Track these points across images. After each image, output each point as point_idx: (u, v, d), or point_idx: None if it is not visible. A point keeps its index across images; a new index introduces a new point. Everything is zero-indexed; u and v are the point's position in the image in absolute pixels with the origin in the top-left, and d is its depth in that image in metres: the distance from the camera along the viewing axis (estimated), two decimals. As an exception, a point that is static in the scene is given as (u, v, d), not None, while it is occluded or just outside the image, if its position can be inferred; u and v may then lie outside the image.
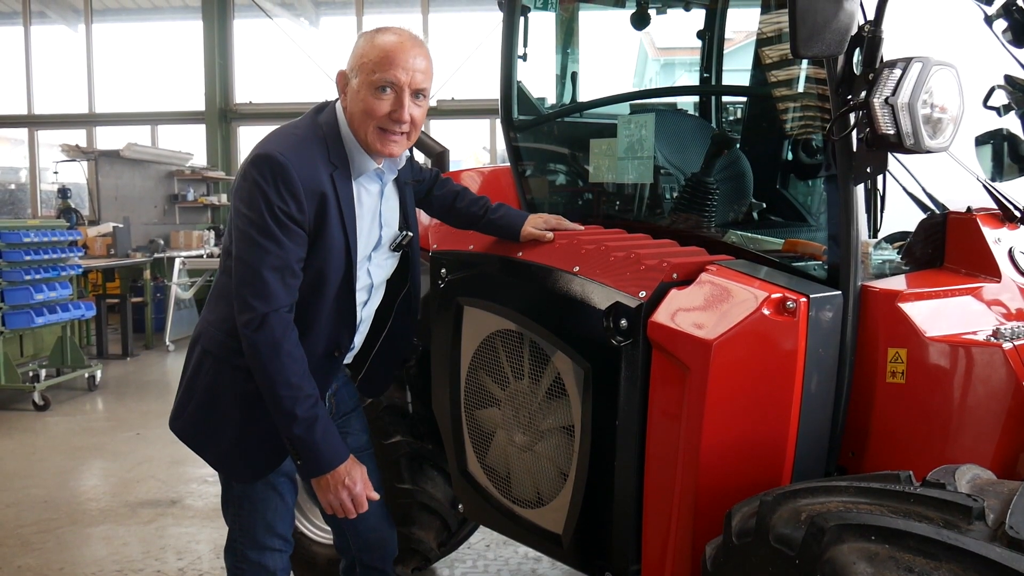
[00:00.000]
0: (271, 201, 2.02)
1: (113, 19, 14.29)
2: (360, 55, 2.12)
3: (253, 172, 2.03)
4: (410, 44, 2.13)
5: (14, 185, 14.84)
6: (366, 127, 2.14)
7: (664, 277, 2.28)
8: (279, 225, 2.03)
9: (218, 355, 2.23)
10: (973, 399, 2.06)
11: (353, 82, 2.13)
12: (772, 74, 3.00)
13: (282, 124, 2.23)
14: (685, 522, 2.17)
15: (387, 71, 2.09)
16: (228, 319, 2.16)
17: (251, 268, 2.05)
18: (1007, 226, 2.36)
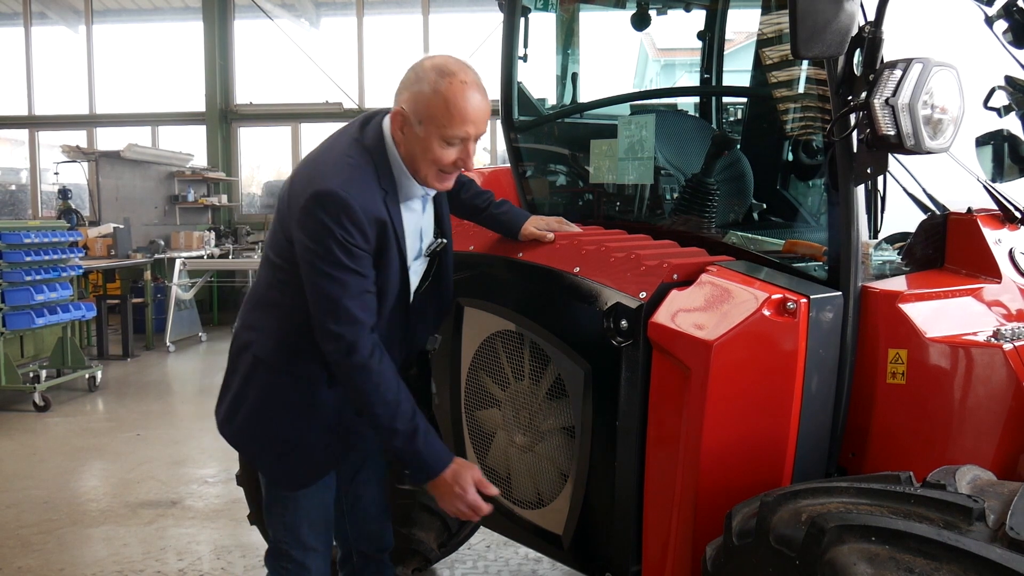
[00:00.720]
0: (339, 237, 2.04)
1: (113, 20, 14.30)
2: (427, 105, 2.07)
3: (318, 211, 2.04)
4: (479, 95, 2.11)
5: (15, 186, 14.84)
6: (427, 170, 2.15)
7: (664, 278, 2.28)
8: (350, 257, 2.07)
9: (272, 364, 2.26)
10: (973, 400, 2.05)
11: (417, 129, 2.10)
12: (772, 75, 3.00)
13: (326, 144, 2.22)
14: (685, 522, 2.17)
15: (460, 128, 2.08)
16: (283, 329, 2.23)
17: (330, 299, 2.08)
18: (1007, 227, 2.35)
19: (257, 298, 2.33)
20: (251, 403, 2.29)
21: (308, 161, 2.22)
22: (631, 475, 2.33)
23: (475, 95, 2.09)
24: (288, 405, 2.28)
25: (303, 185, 2.11)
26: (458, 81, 2.06)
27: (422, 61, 2.12)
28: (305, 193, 2.06)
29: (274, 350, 2.25)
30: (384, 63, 13.28)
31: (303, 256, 2.10)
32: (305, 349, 2.22)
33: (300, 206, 2.07)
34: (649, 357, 2.26)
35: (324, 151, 2.21)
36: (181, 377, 8.79)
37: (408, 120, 2.10)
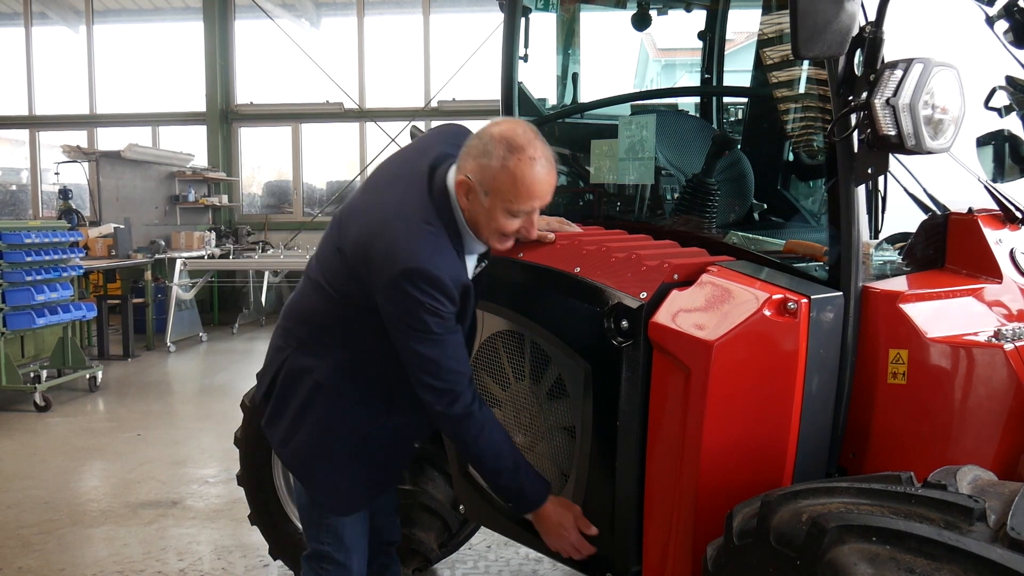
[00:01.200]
0: (432, 308, 2.08)
1: (114, 20, 14.31)
2: (494, 178, 2.09)
3: (410, 288, 2.06)
4: (547, 169, 2.12)
5: (15, 186, 14.85)
6: (489, 235, 2.19)
7: (665, 278, 2.28)
8: (444, 323, 2.12)
9: (334, 390, 2.29)
10: (974, 400, 2.05)
11: (483, 199, 2.12)
12: (773, 75, 3.00)
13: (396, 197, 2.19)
14: (686, 522, 2.17)
15: (526, 203, 2.12)
16: (345, 358, 2.28)
17: (429, 360, 2.13)
18: (1008, 227, 2.35)
19: (316, 324, 2.32)
20: (309, 428, 2.32)
21: (386, 224, 2.15)
22: (631, 475, 2.33)
23: (543, 170, 2.10)
24: (348, 432, 2.32)
25: (386, 255, 2.09)
26: (527, 157, 2.07)
27: (490, 129, 2.13)
28: (392, 267, 2.07)
29: (336, 377, 2.29)
30: (385, 63, 13.28)
31: (393, 323, 2.14)
32: (367, 377, 2.29)
33: (387, 279, 2.08)
34: (650, 357, 2.26)
35: (401, 216, 2.15)
36: (182, 377, 8.79)
37: (474, 190, 2.12)
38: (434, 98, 12.79)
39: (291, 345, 2.36)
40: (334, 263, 2.26)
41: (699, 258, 2.40)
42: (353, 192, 2.41)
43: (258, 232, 13.13)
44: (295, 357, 2.34)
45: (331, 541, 2.43)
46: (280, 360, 2.37)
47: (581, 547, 2.34)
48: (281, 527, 3.54)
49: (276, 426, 2.39)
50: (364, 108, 13.02)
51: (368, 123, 13.05)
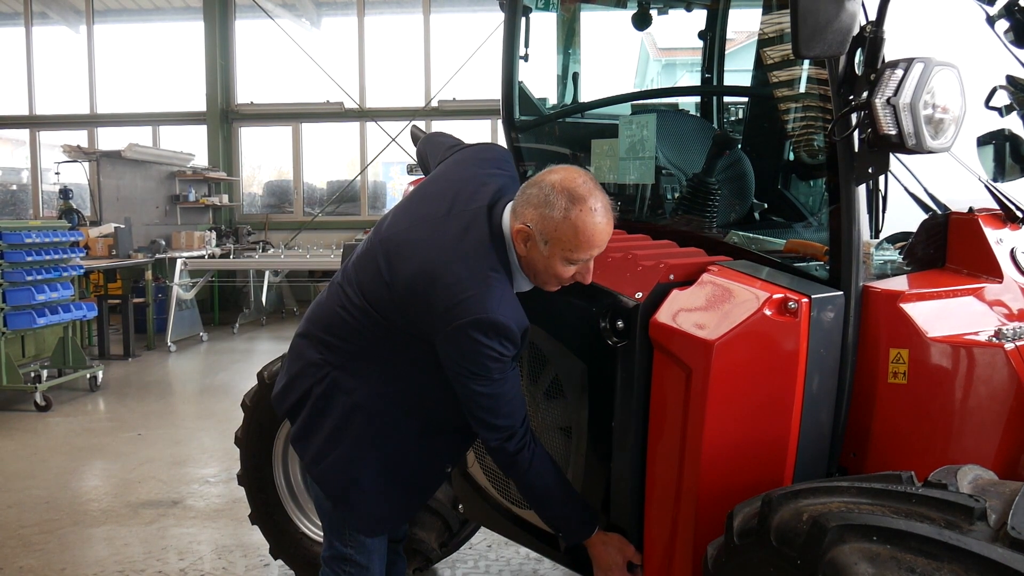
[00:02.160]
0: (498, 355, 2.08)
1: (114, 20, 14.31)
2: (556, 229, 2.08)
3: (480, 337, 2.04)
4: (607, 220, 2.11)
5: (16, 186, 14.85)
6: (547, 281, 2.20)
7: (661, 278, 2.28)
8: (506, 368, 2.13)
9: (373, 412, 2.28)
10: (975, 400, 2.05)
11: (542, 248, 2.11)
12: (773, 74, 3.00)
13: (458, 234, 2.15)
14: (687, 522, 2.17)
15: (586, 253, 2.12)
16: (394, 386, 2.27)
17: (489, 400, 2.15)
18: (1009, 226, 2.35)
19: (360, 346, 2.28)
20: (345, 449, 2.31)
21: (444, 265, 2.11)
22: (628, 475, 2.34)
23: (603, 221, 2.10)
24: (384, 455, 2.31)
25: (448, 302, 2.06)
26: (588, 208, 2.07)
27: (549, 178, 2.11)
28: (459, 317, 2.04)
29: (377, 400, 2.28)
30: (385, 63, 13.28)
31: (454, 366, 2.12)
32: (408, 403, 2.29)
33: (454, 327, 2.05)
34: (646, 357, 2.26)
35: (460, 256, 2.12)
36: (182, 377, 8.79)
37: (533, 238, 2.11)
38: (434, 98, 12.79)
39: (332, 363, 2.30)
40: (381, 293, 2.21)
41: (696, 258, 2.40)
42: (396, 213, 2.34)
43: (258, 232, 13.13)
44: (336, 376, 2.29)
45: (354, 545, 2.43)
46: (318, 376, 2.31)
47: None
48: (282, 527, 3.55)
49: (308, 443, 2.36)
50: (364, 108, 13.02)
51: (368, 123, 13.05)
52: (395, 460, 2.32)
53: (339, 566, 2.46)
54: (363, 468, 2.31)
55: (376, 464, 2.31)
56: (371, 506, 2.36)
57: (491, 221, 2.18)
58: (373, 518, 2.39)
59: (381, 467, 2.32)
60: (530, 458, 2.21)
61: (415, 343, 2.19)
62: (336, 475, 2.34)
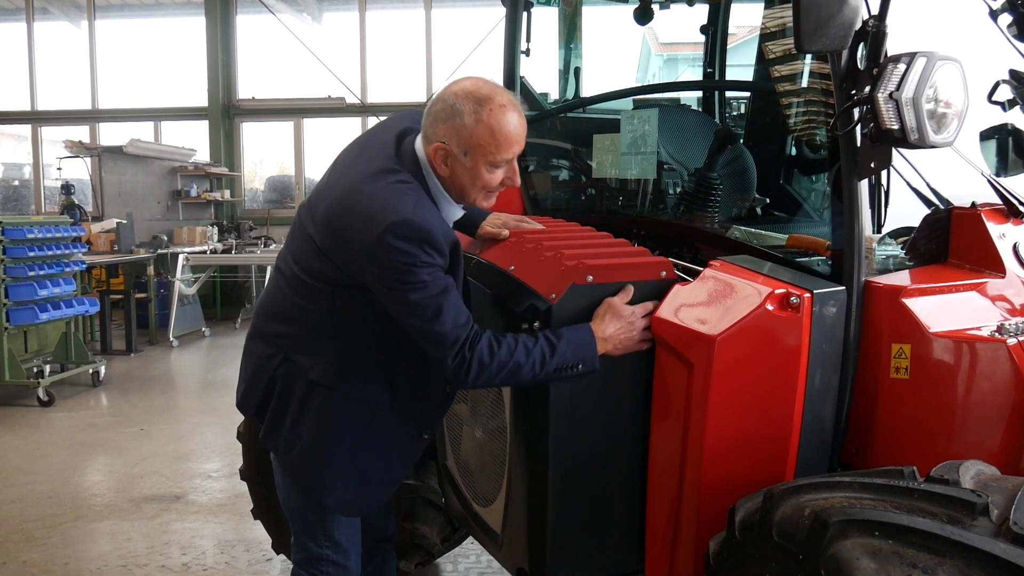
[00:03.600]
0: (424, 261, 2.02)
1: (116, 15, 14.29)
2: (471, 135, 2.05)
3: (398, 243, 1.99)
4: (518, 113, 2.10)
5: (18, 181, 14.85)
6: (476, 194, 2.16)
7: (577, 279, 2.24)
8: (438, 280, 2.06)
9: (334, 386, 2.23)
10: (977, 395, 2.05)
11: (464, 160, 2.08)
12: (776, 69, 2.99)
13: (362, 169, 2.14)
14: (689, 517, 2.17)
15: (507, 152, 2.09)
16: (343, 354, 2.21)
17: (429, 310, 2.06)
18: (1011, 221, 2.35)
19: (303, 320, 2.24)
20: (311, 430, 2.25)
21: (355, 194, 2.10)
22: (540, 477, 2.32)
23: (515, 116, 2.08)
24: (352, 429, 2.26)
25: (364, 218, 2.04)
26: (497, 106, 2.05)
27: (451, 89, 2.10)
28: (375, 227, 2.00)
29: (333, 373, 2.22)
30: (387, 58, 13.26)
31: (385, 286, 2.06)
32: (365, 369, 2.23)
33: (372, 241, 2.01)
34: None
35: (370, 179, 2.11)
36: (184, 372, 8.80)
37: (451, 153, 2.09)
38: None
39: (284, 348, 2.26)
40: (309, 249, 2.19)
41: (621, 259, 2.34)
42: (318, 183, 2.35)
43: (260, 227, 13.13)
44: (291, 360, 2.25)
45: (329, 544, 2.38)
46: (274, 366, 2.27)
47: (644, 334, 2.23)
48: (284, 522, 3.55)
49: (276, 435, 2.31)
50: (366, 103, 13.00)
51: (370, 118, 13.02)
52: (365, 433, 2.26)
53: (315, 567, 2.40)
54: (334, 447, 2.25)
55: (347, 440, 2.25)
56: (349, 485, 2.30)
57: (400, 149, 2.16)
58: (355, 496, 2.33)
59: (352, 442, 2.26)
60: (489, 344, 2.10)
61: (359, 300, 2.14)
62: (308, 460, 2.28)
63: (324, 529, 2.37)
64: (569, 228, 2.72)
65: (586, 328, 2.19)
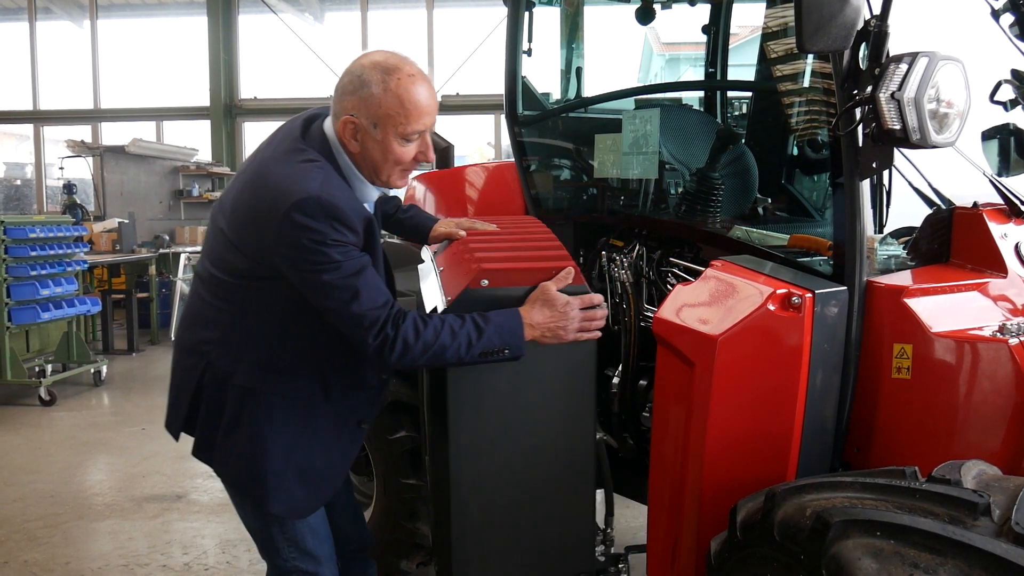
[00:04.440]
0: (335, 240, 1.96)
1: (118, 15, 14.31)
2: (380, 106, 2.00)
3: (306, 220, 1.93)
4: (427, 84, 2.05)
5: (20, 181, 14.87)
6: (390, 171, 2.10)
7: (472, 283, 2.21)
8: (349, 251, 1.99)
9: (264, 389, 2.15)
10: (979, 395, 2.05)
11: (374, 133, 2.03)
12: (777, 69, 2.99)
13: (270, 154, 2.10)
14: (690, 517, 2.17)
15: (418, 122, 2.03)
16: (266, 353, 2.14)
17: (345, 291, 1.99)
18: (1013, 221, 2.35)
19: (222, 323, 2.16)
20: (246, 438, 2.17)
21: (262, 176, 2.06)
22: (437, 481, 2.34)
23: (424, 85, 2.04)
24: (288, 430, 2.18)
25: (271, 199, 1.97)
26: (405, 75, 2.00)
27: (359, 62, 2.04)
28: (281, 206, 1.93)
29: (261, 376, 2.14)
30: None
31: (297, 268, 1.99)
32: (292, 366, 2.16)
33: (279, 220, 1.94)
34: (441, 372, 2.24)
35: (277, 162, 2.06)
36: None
37: (361, 127, 2.03)
38: (438, 92, 12.77)
39: (206, 356, 2.17)
40: (221, 245, 2.13)
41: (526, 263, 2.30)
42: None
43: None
44: (212, 367, 2.16)
45: (295, 555, 2.30)
46: (196, 377, 2.18)
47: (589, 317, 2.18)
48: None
49: (210, 447, 2.21)
50: (368, 103, 13.01)
51: (372, 118, 13.04)
52: (303, 431, 2.19)
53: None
54: (271, 451, 2.16)
55: (284, 442, 2.17)
56: (292, 488, 2.21)
57: (308, 132, 2.10)
58: (300, 498, 2.24)
59: (290, 443, 2.18)
60: (413, 325, 2.03)
61: (273, 293, 2.08)
62: (247, 468, 2.19)
63: (287, 539, 2.29)
64: (518, 229, 2.70)
65: (515, 313, 2.13)
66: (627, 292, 2.83)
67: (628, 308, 2.83)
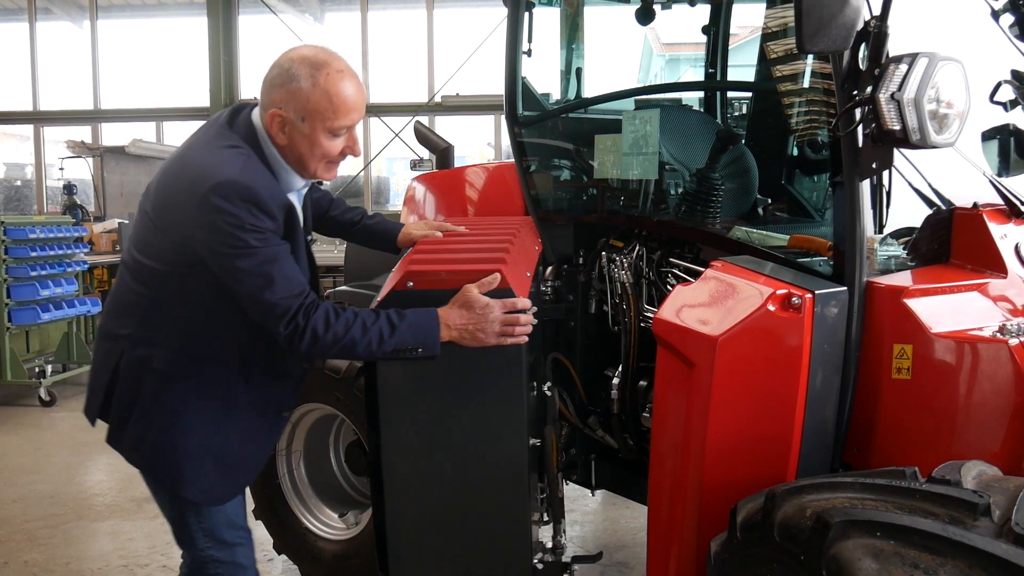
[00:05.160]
0: (252, 225, 1.95)
1: (118, 15, 14.30)
2: (308, 100, 2.01)
3: (222, 203, 1.93)
4: (355, 80, 2.07)
5: (20, 181, 14.87)
6: (316, 164, 2.11)
7: (399, 285, 2.23)
8: (266, 238, 1.99)
9: (180, 375, 2.14)
10: (979, 395, 2.05)
11: (301, 127, 2.04)
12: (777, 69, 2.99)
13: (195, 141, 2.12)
14: (690, 517, 2.17)
15: (346, 118, 2.05)
16: (185, 338, 2.13)
17: (259, 277, 1.99)
18: (1013, 221, 2.35)
19: (143, 308, 2.15)
20: (161, 422, 2.15)
21: (184, 161, 2.08)
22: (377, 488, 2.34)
23: (353, 81, 2.06)
24: (205, 415, 2.16)
25: (190, 181, 1.99)
26: (334, 71, 2.02)
27: (287, 55, 2.05)
28: (200, 189, 1.94)
29: (179, 361, 2.13)
30: (388, 58, 13.27)
31: (212, 253, 1.99)
32: (212, 353, 2.15)
33: (197, 203, 1.95)
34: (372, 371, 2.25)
35: (199, 148, 2.09)
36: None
37: (288, 120, 2.04)
38: (438, 93, 12.78)
39: (126, 339, 2.16)
40: (146, 230, 2.13)
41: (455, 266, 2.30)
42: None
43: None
44: (133, 351, 2.15)
45: (210, 544, 2.29)
46: (114, 361, 2.16)
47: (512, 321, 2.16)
48: (285, 522, 3.56)
49: (124, 432, 2.20)
50: (368, 103, 13.00)
51: (372, 118, 13.04)
52: (224, 418, 2.18)
53: (202, 572, 2.32)
54: (190, 436, 2.16)
55: (203, 428, 2.16)
56: (210, 474, 2.19)
57: (236, 122, 2.12)
58: (216, 485, 2.22)
59: (209, 430, 2.17)
60: (325, 316, 2.03)
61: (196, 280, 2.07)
62: (162, 453, 2.18)
63: (202, 528, 2.28)
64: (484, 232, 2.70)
65: (432, 313, 2.13)
66: (627, 293, 2.83)
67: (628, 309, 2.83)
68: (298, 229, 2.16)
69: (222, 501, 2.27)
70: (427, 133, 4.60)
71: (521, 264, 2.47)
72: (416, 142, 4.93)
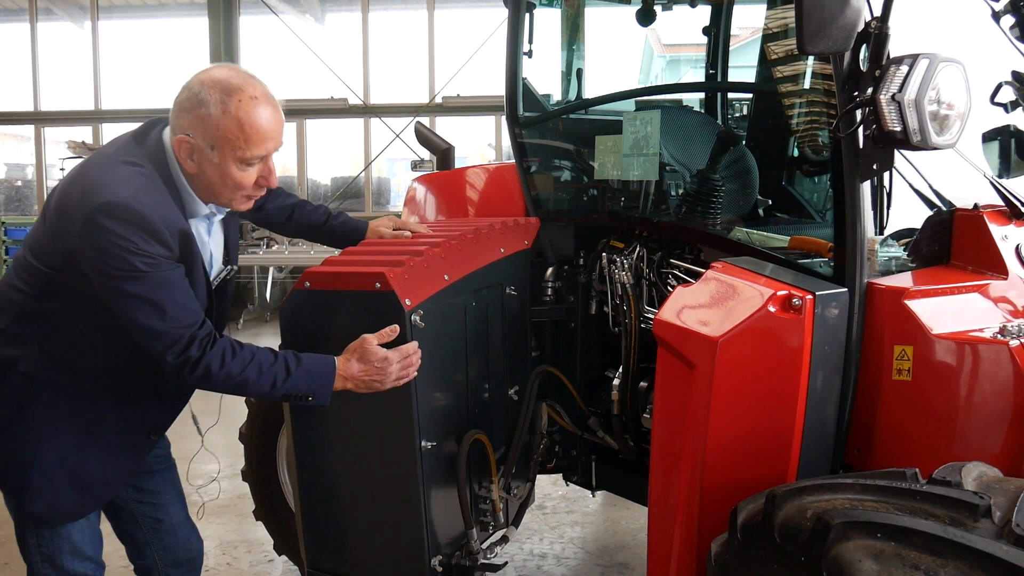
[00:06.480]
0: (138, 249, 1.85)
1: (119, 16, 14.32)
2: (217, 128, 1.89)
3: (108, 223, 1.83)
4: (271, 107, 1.95)
5: (21, 182, 14.88)
6: (230, 195, 2.01)
7: (296, 285, 2.27)
8: (155, 262, 1.89)
9: (48, 383, 2.05)
10: (979, 396, 2.05)
11: (211, 155, 1.92)
12: (778, 70, 3.00)
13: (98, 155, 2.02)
14: (691, 518, 2.17)
15: (259, 147, 1.94)
16: (57, 344, 2.04)
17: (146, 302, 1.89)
18: (1014, 223, 2.35)
19: (18, 307, 2.04)
20: (22, 427, 2.05)
21: (83, 172, 1.97)
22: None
23: (267, 108, 1.93)
24: (68, 428, 2.07)
25: (82, 194, 1.88)
26: (247, 97, 1.90)
27: (199, 77, 1.93)
28: (89, 204, 1.84)
29: (45, 367, 2.04)
30: (389, 59, 13.28)
31: (97, 271, 1.89)
32: (85, 367, 2.07)
33: (83, 218, 1.85)
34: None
35: (100, 161, 1.97)
36: None
37: (197, 147, 1.92)
38: (439, 94, 12.79)
39: None
40: (40, 231, 2.04)
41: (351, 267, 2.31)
42: None
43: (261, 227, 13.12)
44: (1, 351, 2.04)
45: (48, 570, 2.16)
46: None
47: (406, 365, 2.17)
48: (286, 523, 3.56)
49: None
50: (368, 104, 13.01)
51: (373, 119, 13.05)
52: (88, 434, 2.08)
53: None
54: (46, 448, 2.05)
55: (62, 441, 2.06)
56: (61, 490, 2.08)
57: (145, 140, 2.00)
58: (66, 503, 2.11)
59: (69, 443, 2.07)
60: (222, 354, 1.95)
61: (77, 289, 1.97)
62: (14, 462, 2.07)
63: (41, 551, 2.16)
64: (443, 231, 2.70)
65: (329, 362, 2.09)
66: (627, 294, 2.83)
67: (628, 310, 2.83)
68: (196, 257, 2.03)
69: (67, 519, 2.15)
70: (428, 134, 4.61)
71: (442, 268, 2.44)
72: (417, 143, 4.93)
